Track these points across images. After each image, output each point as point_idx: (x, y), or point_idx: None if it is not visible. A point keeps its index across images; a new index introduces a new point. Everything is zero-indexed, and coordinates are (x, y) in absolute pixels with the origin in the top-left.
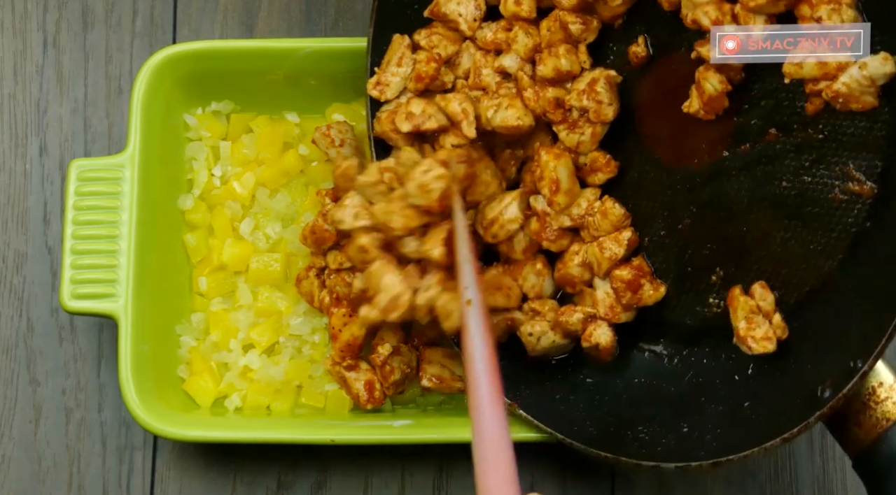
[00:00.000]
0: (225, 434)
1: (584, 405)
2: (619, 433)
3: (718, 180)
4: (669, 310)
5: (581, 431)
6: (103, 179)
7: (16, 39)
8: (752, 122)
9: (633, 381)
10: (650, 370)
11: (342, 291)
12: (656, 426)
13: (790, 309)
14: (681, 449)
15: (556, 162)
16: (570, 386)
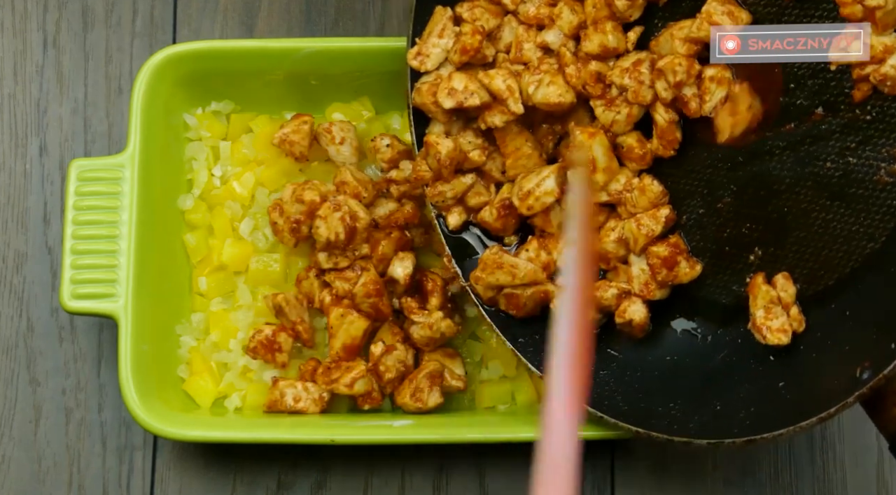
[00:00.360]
0: (225, 434)
1: (615, 380)
2: (650, 409)
3: (761, 159)
4: (705, 288)
5: (611, 405)
6: (103, 179)
7: (16, 39)
8: (798, 101)
9: (664, 358)
10: (683, 347)
11: (341, 288)
12: (688, 402)
13: (829, 289)
14: (713, 426)
15: (592, 140)
16: (601, 360)
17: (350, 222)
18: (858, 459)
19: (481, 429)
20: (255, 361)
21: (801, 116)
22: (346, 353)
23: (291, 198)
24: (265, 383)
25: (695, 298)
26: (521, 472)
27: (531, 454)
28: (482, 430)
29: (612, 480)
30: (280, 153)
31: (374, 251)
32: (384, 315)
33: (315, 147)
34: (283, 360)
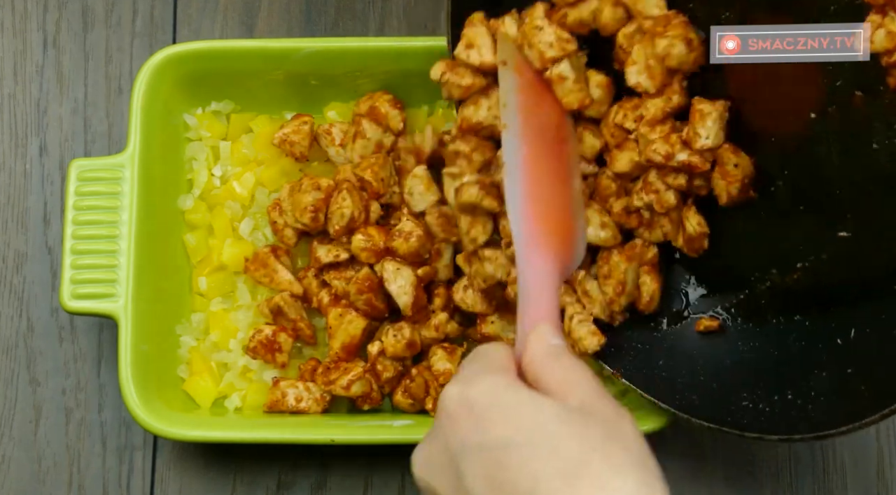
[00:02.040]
0: (225, 434)
1: (687, 372)
2: (723, 401)
3: (808, 142)
4: (767, 272)
5: (683, 400)
6: (103, 179)
7: (16, 39)
8: (838, 83)
9: (735, 346)
10: (752, 335)
11: (340, 288)
12: (759, 392)
13: (893, 271)
14: (783, 419)
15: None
16: (672, 352)
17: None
18: (858, 459)
19: None
20: (255, 361)
21: (842, 100)
22: (346, 353)
23: (289, 197)
24: (265, 383)
25: (762, 284)
26: None
27: None
28: None
29: None
30: (280, 153)
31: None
32: (380, 312)
33: (315, 147)
34: (283, 360)
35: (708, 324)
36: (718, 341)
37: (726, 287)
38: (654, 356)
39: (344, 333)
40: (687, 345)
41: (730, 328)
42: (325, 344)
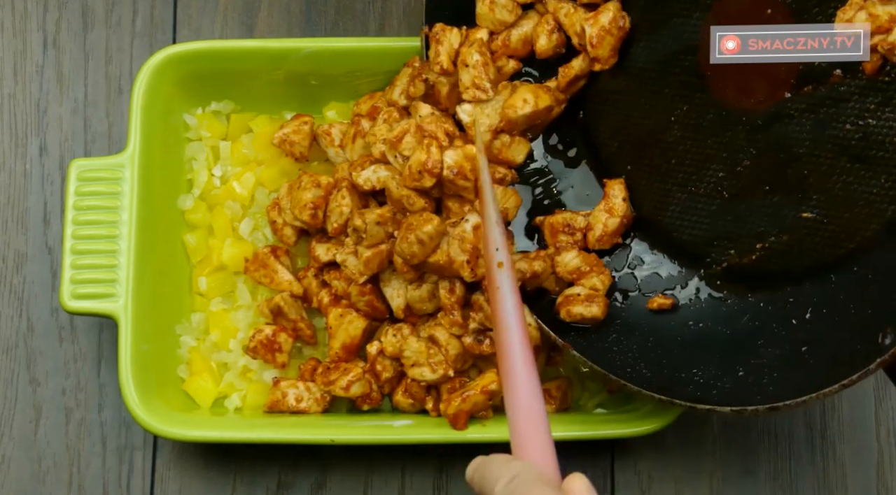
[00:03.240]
0: (225, 434)
1: (638, 347)
2: (673, 375)
3: (780, 122)
4: (725, 252)
5: (634, 373)
6: (103, 179)
7: (16, 39)
8: (817, 63)
9: (687, 324)
10: (705, 313)
11: (340, 288)
12: (711, 369)
13: (850, 252)
14: (737, 393)
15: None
16: (623, 328)
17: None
18: (858, 459)
19: (481, 429)
20: (255, 361)
21: (820, 78)
22: (346, 353)
23: (288, 195)
24: (265, 383)
25: (718, 264)
26: None
27: None
28: (482, 430)
29: (612, 480)
30: (280, 153)
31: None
32: (381, 312)
33: (315, 147)
34: (282, 360)
35: (661, 302)
36: (671, 319)
37: (683, 266)
38: (607, 332)
39: (344, 333)
40: (639, 323)
41: (682, 307)
42: (325, 344)
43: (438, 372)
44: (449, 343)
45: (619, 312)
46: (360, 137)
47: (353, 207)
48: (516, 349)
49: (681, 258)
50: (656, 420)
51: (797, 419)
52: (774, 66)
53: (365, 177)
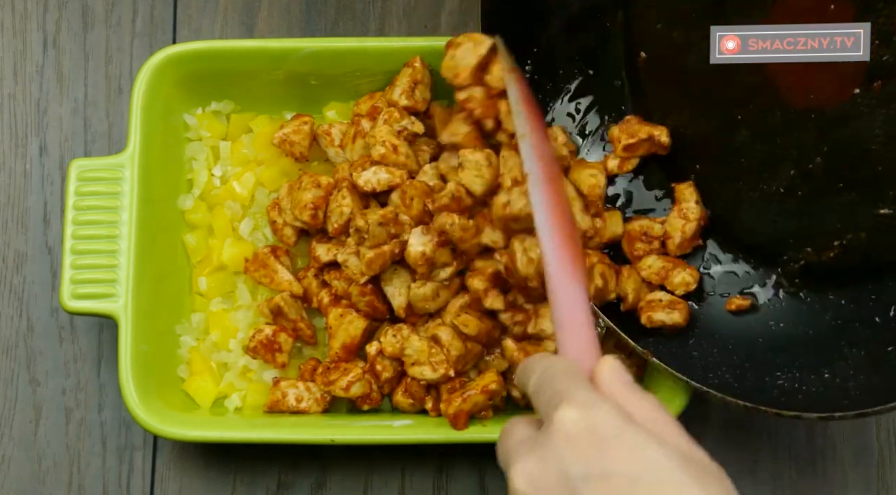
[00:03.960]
0: (225, 434)
1: (719, 351)
2: (757, 380)
3: (850, 119)
4: (804, 251)
5: (716, 379)
6: (103, 179)
7: (16, 39)
8: (884, 57)
9: (768, 325)
10: (785, 313)
11: (340, 288)
12: (795, 371)
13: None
14: (823, 398)
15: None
16: (702, 331)
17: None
18: (858, 459)
19: (481, 429)
20: (255, 361)
21: (889, 73)
22: (346, 353)
23: (288, 195)
24: (265, 383)
25: (796, 262)
26: None
27: None
28: (482, 430)
29: None
30: (280, 153)
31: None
32: (381, 313)
33: (315, 147)
34: (282, 360)
35: (740, 303)
36: (750, 320)
37: (759, 265)
38: (686, 336)
39: (344, 333)
40: (718, 325)
41: (762, 307)
42: (325, 344)
43: (439, 372)
44: (451, 343)
45: (696, 315)
46: (360, 137)
47: (354, 208)
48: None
49: (757, 257)
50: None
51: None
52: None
53: (365, 178)
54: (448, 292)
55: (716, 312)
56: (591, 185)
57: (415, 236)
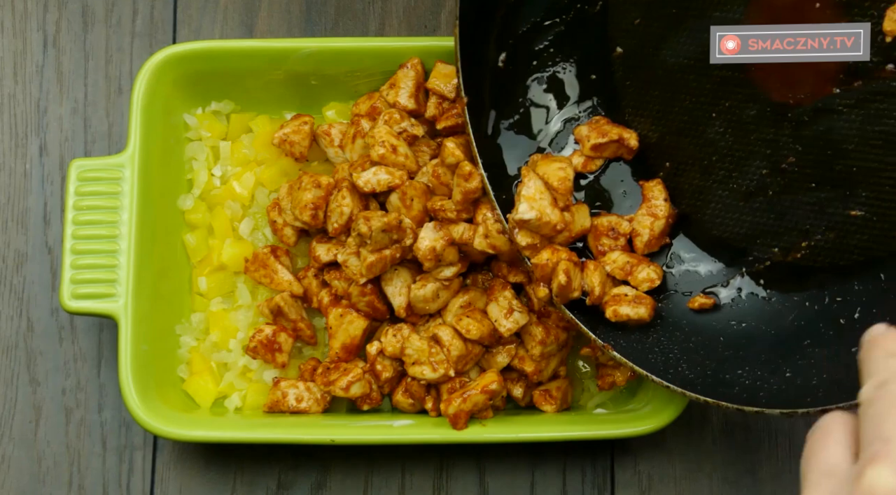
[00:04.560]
0: (225, 434)
1: (679, 348)
2: (718, 377)
3: (827, 117)
4: (769, 250)
5: (677, 374)
6: (103, 179)
7: (16, 39)
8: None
9: (730, 324)
10: (748, 312)
11: (340, 288)
12: (757, 369)
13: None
14: (785, 395)
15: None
16: (664, 328)
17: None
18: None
19: (481, 429)
20: (255, 361)
21: (870, 73)
22: (346, 353)
23: (289, 195)
24: (265, 383)
25: (761, 262)
26: (521, 472)
27: (531, 454)
28: (482, 430)
29: (612, 480)
30: (280, 153)
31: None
32: (381, 313)
33: (315, 147)
34: (282, 360)
35: (703, 302)
36: (712, 319)
37: (724, 264)
38: (647, 332)
39: (344, 333)
40: (681, 323)
41: (725, 306)
42: (325, 344)
43: (439, 371)
44: (451, 343)
45: (658, 312)
46: (359, 137)
47: (355, 208)
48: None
49: (722, 256)
50: (656, 420)
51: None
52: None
53: (365, 178)
54: (448, 292)
55: (678, 310)
56: (561, 179)
57: (426, 230)
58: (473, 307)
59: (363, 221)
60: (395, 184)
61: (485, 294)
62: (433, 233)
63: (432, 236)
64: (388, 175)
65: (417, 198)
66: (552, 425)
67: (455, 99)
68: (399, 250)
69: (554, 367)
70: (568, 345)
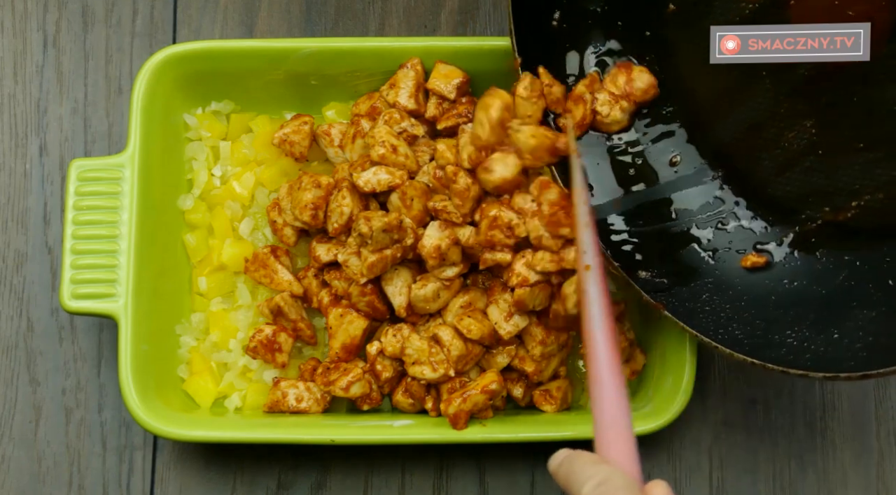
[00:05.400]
0: (225, 434)
1: (731, 306)
2: (766, 337)
3: (877, 78)
4: (820, 209)
5: (726, 335)
6: (103, 179)
7: (16, 39)
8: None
9: (781, 282)
10: (799, 271)
11: (340, 288)
12: (805, 330)
13: None
14: (829, 357)
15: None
16: (715, 287)
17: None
18: (858, 459)
19: (481, 429)
20: (255, 361)
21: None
22: (346, 353)
23: (288, 195)
24: (265, 383)
25: (813, 221)
26: (521, 472)
27: (531, 454)
28: (482, 430)
29: None
30: (280, 153)
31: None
32: (381, 313)
33: (315, 147)
34: (282, 360)
35: (755, 260)
36: (764, 277)
37: (776, 222)
38: (698, 291)
39: (344, 333)
40: (732, 281)
41: (777, 264)
42: (325, 344)
43: (439, 371)
44: (452, 343)
45: (711, 270)
46: (359, 137)
47: (355, 208)
48: (602, 353)
49: (774, 215)
50: (656, 420)
51: (797, 418)
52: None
53: (365, 178)
54: (448, 293)
55: (730, 268)
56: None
57: (431, 228)
58: (474, 307)
59: (364, 221)
60: (395, 184)
61: (485, 294)
62: (438, 232)
63: (437, 234)
64: (389, 175)
65: (417, 197)
66: (552, 425)
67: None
68: (400, 250)
69: (554, 367)
70: (568, 345)
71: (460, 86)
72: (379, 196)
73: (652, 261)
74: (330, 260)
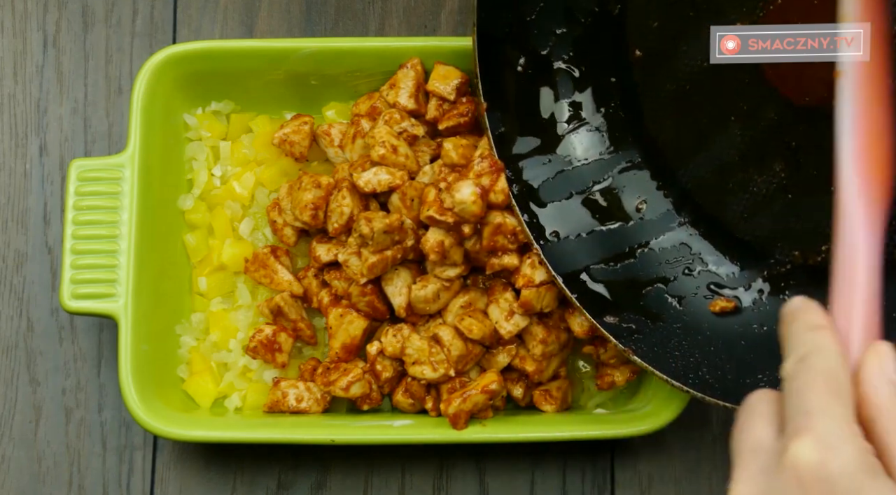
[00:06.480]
0: (225, 434)
1: (700, 351)
2: (738, 380)
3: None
4: (790, 253)
5: (697, 379)
6: (103, 179)
7: (16, 39)
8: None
9: (751, 327)
10: (770, 315)
11: (340, 288)
12: (776, 372)
13: None
14: None
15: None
16: (684, 331)
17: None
18: None
19: (481, 429)
20: (255, 361)
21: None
22: (346, 353)
23: (288, 195)
24: (265, 383)
25: (783, 265)
26: (521, 472)
27: (531, 454)
28: (482, 430)
29: (612, 480)
30: (280, 153)
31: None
32: (381, 313)
33: (315, 147)
34: (283, 360)
35: (724, 305)
36: (733, 322)
37: (745, 266)
38: (668, 335)
39: (344, 333)
40: (701, 326)
41: (746, 309)
42: (325, 344)
43: (439, 371)
44: (452, 343)
45: (679, 315)
46: (359, 137)
47: (355, 208)
48: (846, 163)
49: (743, 259)
50: (656, 420)
51: None
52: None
53: (366, 179)
54: (449, 293)
55: (699, 312)
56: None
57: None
58: (474, 307)
59: (365, 222)
60: (395, 185)
61: (485, 294)
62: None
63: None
64: (389, 175)
65: (418, 198)
66: (552, 425)
67: (455, 100)
68: (400, 251)
69: (555, 367)
70: (569, 345)
71: (459, 86)
72: (379, 196)
73: (620, 305)
74: (330, 260)
